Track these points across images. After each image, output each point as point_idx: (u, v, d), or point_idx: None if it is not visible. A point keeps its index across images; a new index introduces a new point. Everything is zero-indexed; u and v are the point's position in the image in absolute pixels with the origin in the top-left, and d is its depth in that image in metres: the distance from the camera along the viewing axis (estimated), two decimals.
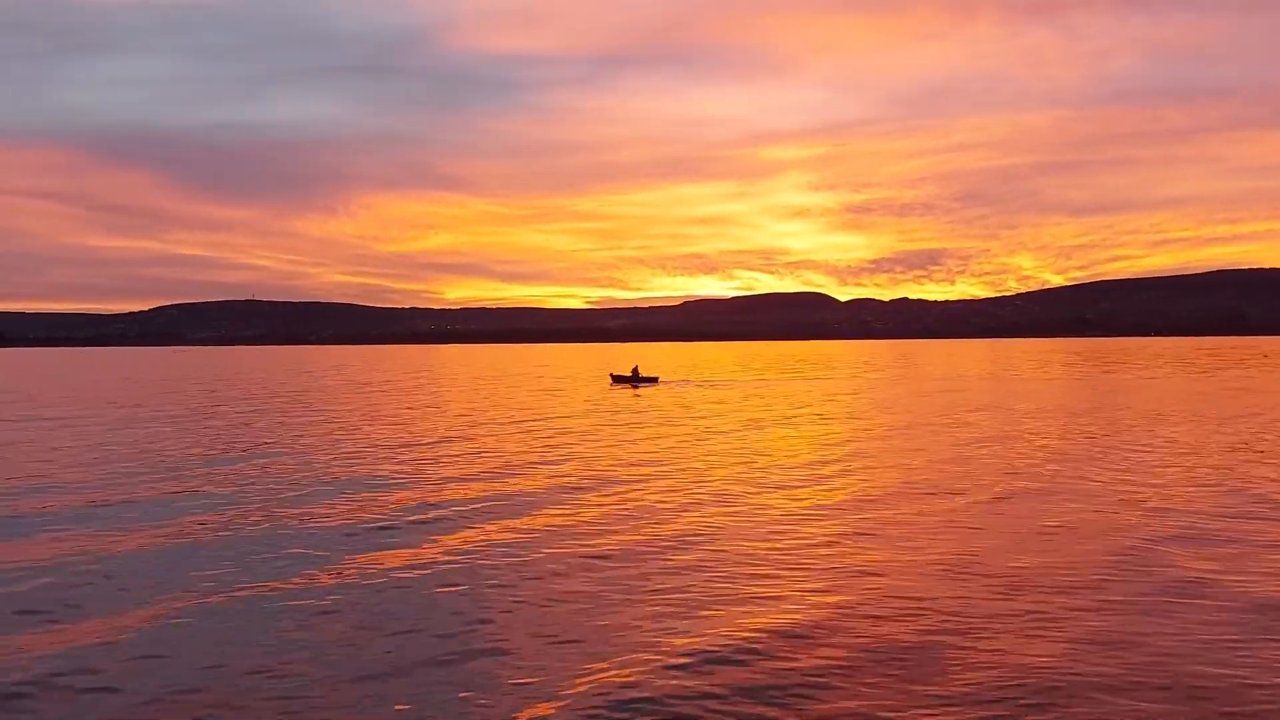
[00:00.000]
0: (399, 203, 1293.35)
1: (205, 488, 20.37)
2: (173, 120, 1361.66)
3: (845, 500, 18.41)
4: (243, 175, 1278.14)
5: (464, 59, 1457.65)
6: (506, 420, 36.99)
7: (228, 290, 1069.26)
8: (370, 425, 35.18)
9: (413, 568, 13.28)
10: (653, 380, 63.97)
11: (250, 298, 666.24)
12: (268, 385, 69.62)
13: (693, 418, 37.74)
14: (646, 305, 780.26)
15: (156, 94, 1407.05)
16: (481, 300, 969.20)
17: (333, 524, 16.36)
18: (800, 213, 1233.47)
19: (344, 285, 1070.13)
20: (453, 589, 12.21)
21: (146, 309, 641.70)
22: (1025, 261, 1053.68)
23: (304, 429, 33.87)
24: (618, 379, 64.65)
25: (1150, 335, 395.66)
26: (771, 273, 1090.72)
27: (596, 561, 13.57)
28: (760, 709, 8.39)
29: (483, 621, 10.86)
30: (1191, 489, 19.05)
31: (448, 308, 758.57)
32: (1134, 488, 19.25)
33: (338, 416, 39.64)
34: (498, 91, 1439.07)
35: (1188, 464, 22.62)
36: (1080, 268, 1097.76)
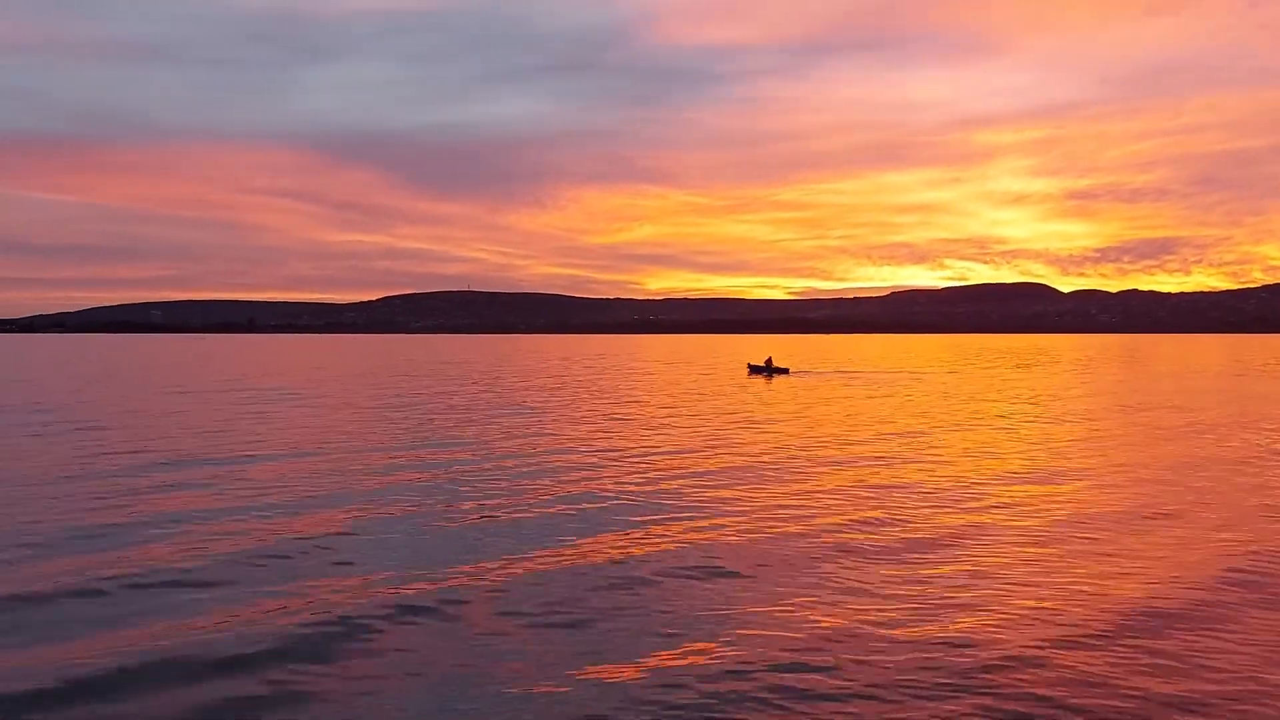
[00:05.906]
0: (603, 196, 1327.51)
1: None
2: (396, 121, 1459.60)
3: None
4: (459, 172, 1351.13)
5: (664, 52, 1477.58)
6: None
7: (446, 281, 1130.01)
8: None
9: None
10: (784, 371, 64.22)
11: (467, 288, 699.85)
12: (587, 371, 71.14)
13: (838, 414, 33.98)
14: (851, 296, 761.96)
15: (381, 97, 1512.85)
16: (683, 291, 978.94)
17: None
18: (1018, 199, 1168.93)
19: (551, 276, 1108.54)
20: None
21: (374, 299, 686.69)
22: (1272, 250, 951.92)
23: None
24: (754, 369, 65.56)
25: None
26: (986, 262, 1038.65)
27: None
28: None
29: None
30: None
31: (650, 298, 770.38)
32: None
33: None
34: (697, 83, 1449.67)
35: None
36: None
